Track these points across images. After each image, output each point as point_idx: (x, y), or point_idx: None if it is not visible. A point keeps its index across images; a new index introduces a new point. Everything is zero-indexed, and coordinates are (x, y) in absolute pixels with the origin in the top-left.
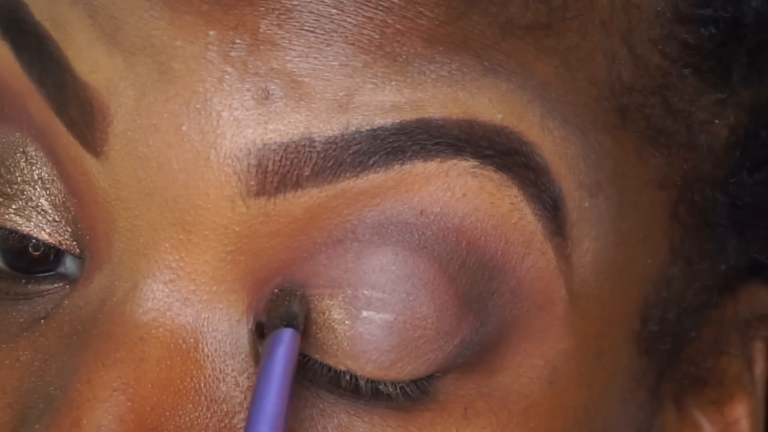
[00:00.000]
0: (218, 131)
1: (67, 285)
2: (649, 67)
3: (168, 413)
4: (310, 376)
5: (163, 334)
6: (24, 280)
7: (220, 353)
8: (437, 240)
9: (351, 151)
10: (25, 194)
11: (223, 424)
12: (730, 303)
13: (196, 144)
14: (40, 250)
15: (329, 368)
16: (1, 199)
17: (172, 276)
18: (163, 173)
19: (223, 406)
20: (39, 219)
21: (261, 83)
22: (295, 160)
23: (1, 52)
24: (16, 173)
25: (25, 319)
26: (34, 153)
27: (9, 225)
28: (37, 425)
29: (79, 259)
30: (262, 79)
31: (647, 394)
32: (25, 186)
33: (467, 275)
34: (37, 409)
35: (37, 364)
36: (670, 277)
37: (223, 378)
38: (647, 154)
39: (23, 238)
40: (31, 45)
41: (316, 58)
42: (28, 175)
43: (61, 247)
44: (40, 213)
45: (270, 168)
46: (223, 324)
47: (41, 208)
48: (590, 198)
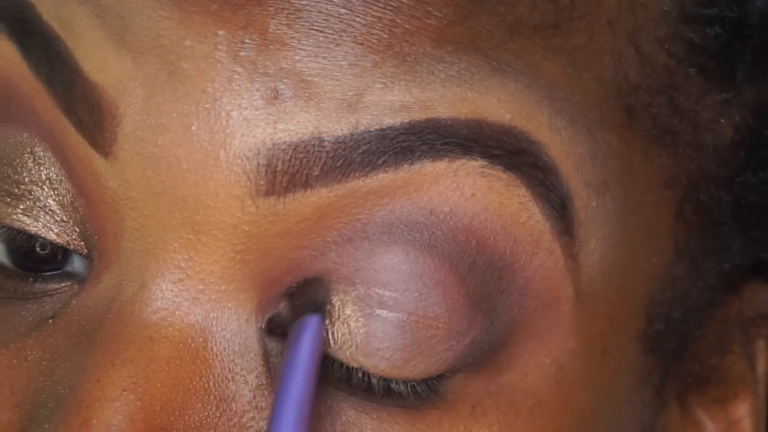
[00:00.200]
0: (228, 131)
1: (75, 284)
2: (656, 67)
3: (177, 412)
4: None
5: (172, 333)
6: (31, 279)
7: (229, 352)
8: (447, 239)
9: (360, 151)
10: (32, 194)
11: (232, 423)
12: (735, 302)
13: (206, 144)
14: (48, 250)
15: (341, 365)
16: (9, 200)
17: (181, 275)
18: (173, 173)
19: (233, 405)
20: (47, 219)
21: (270, 83)
22: (305, 160)
23: (8, 53)
24: (23, 173)
25: (33, 319)
26: (42, 153)
27: (17, 225)
28: (47, 425)
29: (87, 259)
30: (272, 78)
31: (652, 393)
32: (32, 186)
33: (477, 275)
34: (46, 408)
35: (45, 363)
36: (675, 276)
37: (232, 377)
38: (653, 154)
39: (31, 237)
40: (39, 45)
41: (326, 58)
42: (36, 175)
43: (69, 247)
44: (47, 213)
45: (279, 168)
46: (232, 323)
47: (49, 208)
48: (597, 197)
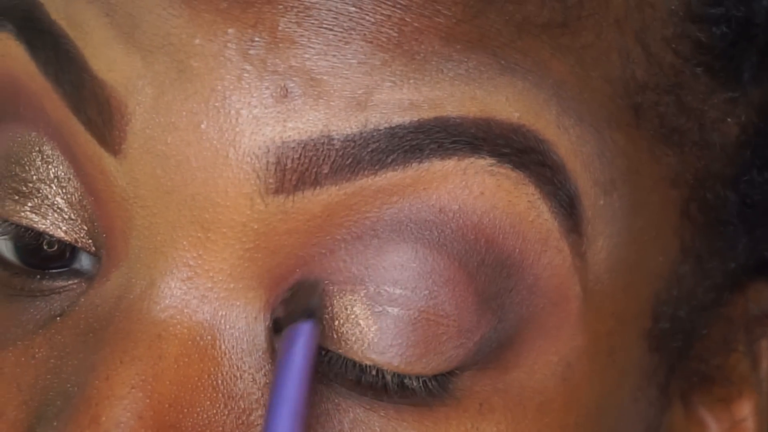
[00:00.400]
0: (237, 129)
1: (83, 282)
2: (663, 66)
3: (186, 410)
4: (327, 372)
5: (181, 331)
6: (39, 277)
7: (238, 350)
8: (456, 238)
9: (369, 149)
10: (40, 192)
11: (240, 421)
12: (740, 301)
13: (215, 142)
14: (55, 247)
15: (353, 363)
16: (17, 197)
17: (189, 273)
18: (182, 171)
19: (240, 402)
20: (55, 217)
21: (280, 81)
22: (314, 158)
23: (16, 52)
24: (31, 172)
25: (41, 317)
26: (51, 152)
27: (25, 222)
28: (55, 422)
29: (95, 257)
30: (281, 77)
31: (657, 392)
32: (40, 184)
33: (486, 273)
34: (54, 406)
35: (53, 361)
36: (681, 275)
37: (241, 375)
38: (660, 153)
39: (38, 235)
40: (47, 44)
41: (335, 56)
42: (44, 173)
43: (77, 245)
44: (56, 211)
45: (289, 166)
46: (241, 321)
47: (57, 206)
48: (605, 196)
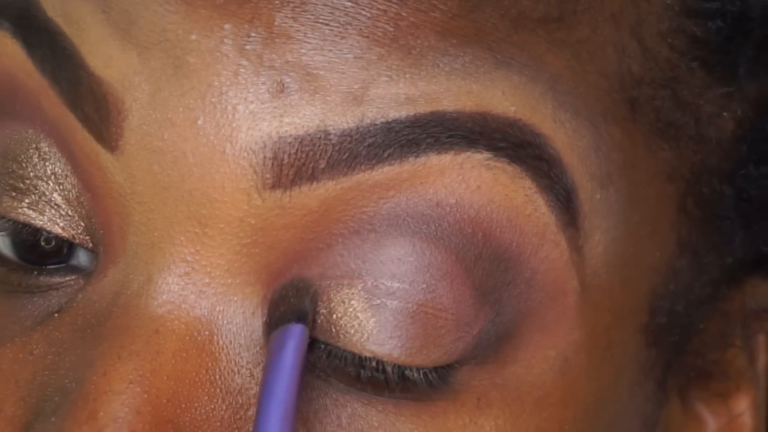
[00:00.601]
0: (234, 125)
1: (80, 278)
2: (659, 60)
3: (184, 405)
4: (324, 367)
5: (179, 326)
6: (36, 272)
7: (235, 345)
8: (453, 231)
9: (366, 144)
10: (38, 189)
11: (237, 416)
12: (737, 296)
13: (212, 137)
14: (53, 244)
15: (353, 356)
16: (14, 194)
17: (187, 269)
18: (179, 167)
19: (238, 397)
20: (52, 213)
21: (276, 76)
22: (311, 153)
23: (12, 50)
24: (28, 169)
25: (38, 313)
26: (48, 149)
27: (22, 218)
28: (53, 418)
29: (93, 253)
30: (278, 72)
31: (654, 386)
32: (37, 181)
33: (483, 267)
34: (52, 402)
35: (50, 357)
36: (678, 270)
37: (238, 370)
38: (656, 147)
39: (36, 231)
40: (44, 42)
41: (331, 51)
42: (41, 170)
43: (75, 241)
44: (53, 207)
45: (286, 161)
46: (238, 316)
47: (54, 202)
48: (601, 190)
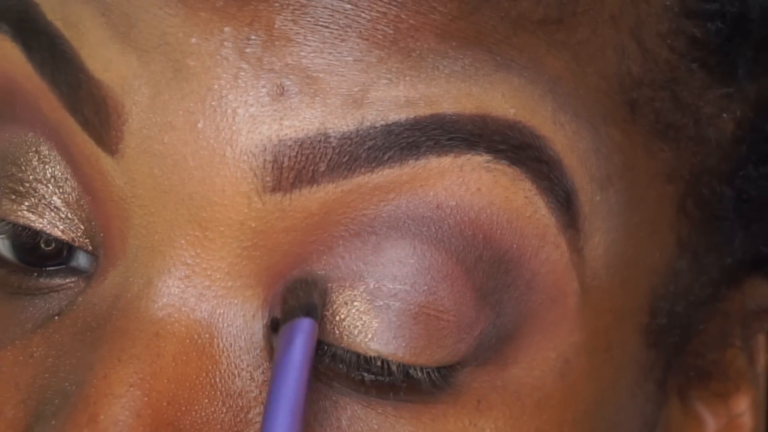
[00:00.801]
0: (234, 128)
1: (80, 280)
2: (658, 62)
3: (184, 408)
4: (325, 369)
5: (179, 329)
6: (36, 274)
7: (236, 348)
8: (454, 234)
9: (366, 147)
10: (37, 192)
11: (238, 419)
12: (736, 296)
13: (212, 141)
14: (52, 246)
15: (357, 357)
16: (14, 197)
17: (187, 272)
18: (179, 170)
19: (239, 400)
20: (52, 216)
21: (276, 79)
22: (311, 156)
23: (12, 54)
24: (28, 172)
25: (39, 316)
26: (47, 152)
27: (22, 221)
28: (53, 421)
29: (93, 256)
30: (277, 75)
31: (654, 387)
32: (37, 184)
33: (483, 268)
34: (52, 405)
35: (51, 360)
36: (678, 270)
37: (239, 373)
38: (656, 148)
39: (35, 234)
40: (43, 45)
41: (331, 54)
42: (41, 173)
43: (74, 244)
44: (53, 210)
45: (286, 164)
46: (239, 319)
47: (54, 205)
48: (601, 191)
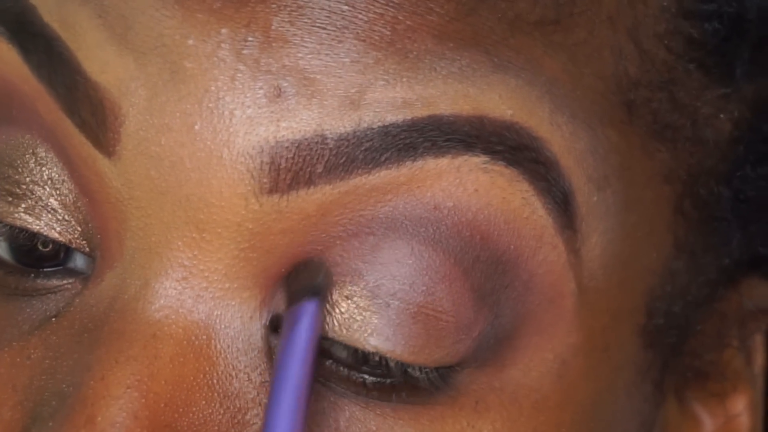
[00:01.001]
0: (231, 129)
1: (77, 282)
2: (655, 62)
3: (181, 409)
4: (323, 370)
5: (176, 331)
6: (33, 275)
7: (233, 350)
8: (451, 234)
9: (363, 148)
10: (34, 194)
11: (236, 420)
12: (733, 297)
13: (209, 143)
14: (49, 247)
15: (355, 352)
16: (11, 199)
17: (184, 273)
18: (176, 172)
19: (236, 401)
20: (49, 218)
21: (273, 81)
22: (308, 158)
23: (8, 56)
24: (24, 174)
25: (36, 317)
26: (45, 154)
27: (18, 223)
28: (51, 422)
29: (89, 257)
30: (275, 76)
31: (651, 388)
32: (34, 186)
33: (481, 269)
34: (50, 406)
35: (48, 362)
36: (675, 271)
37: (236, 374)
38: (653, 149)
39: (32, 236)
40: (40, 47)
41: (328, 55)
42: (38, 175)
43: (71, 246)
44: (49, 212)
45: (283, 165)
46: (236, 321)
47: (51, 207)
48: (598, 192)
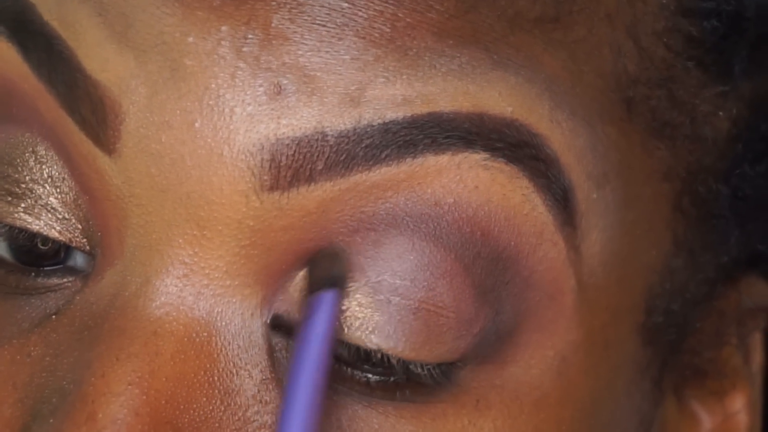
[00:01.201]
0: (231, 127)
1: (77, 280)
2: (654, 60)
3: (182, 407)
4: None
5: (177, 328)
6: (33, 274)
7: (234, 347)
8: (452, 231)
9: (363, 145)
10: (33, 193)
11: (236, 417)
12: (732, 295)
13: (210, 140)
14: (49, 246)
15: (357, 350)
16: (10, 198)
17: (185, 271)
18: (177, 170)
19: (237, 398)
20: (48, 217)
21: (273, 78)
22: (308, 155)
23: (8, 54)
24: (24, 173)
25: (36, 315)
26: (44, 152)
27: (18, 224)
28: (51, 420)
29: (90, 256)
30: (275, 74)
31: (651, 385)
32: (33, 185)
33: (482, 266)
34: (50, 404)
35: (48, 359)
36: (674, 269)
37: (237, 371)
38: (652, 146)
39: (32, 236)
40: (40, 45)
41: (328, 52)
42: (38, 174)
43: (71, 245)
44: (49, 211)
45: (283, 162)
46: (237, 318)
47: (50, 206)
48: (598, 189)
